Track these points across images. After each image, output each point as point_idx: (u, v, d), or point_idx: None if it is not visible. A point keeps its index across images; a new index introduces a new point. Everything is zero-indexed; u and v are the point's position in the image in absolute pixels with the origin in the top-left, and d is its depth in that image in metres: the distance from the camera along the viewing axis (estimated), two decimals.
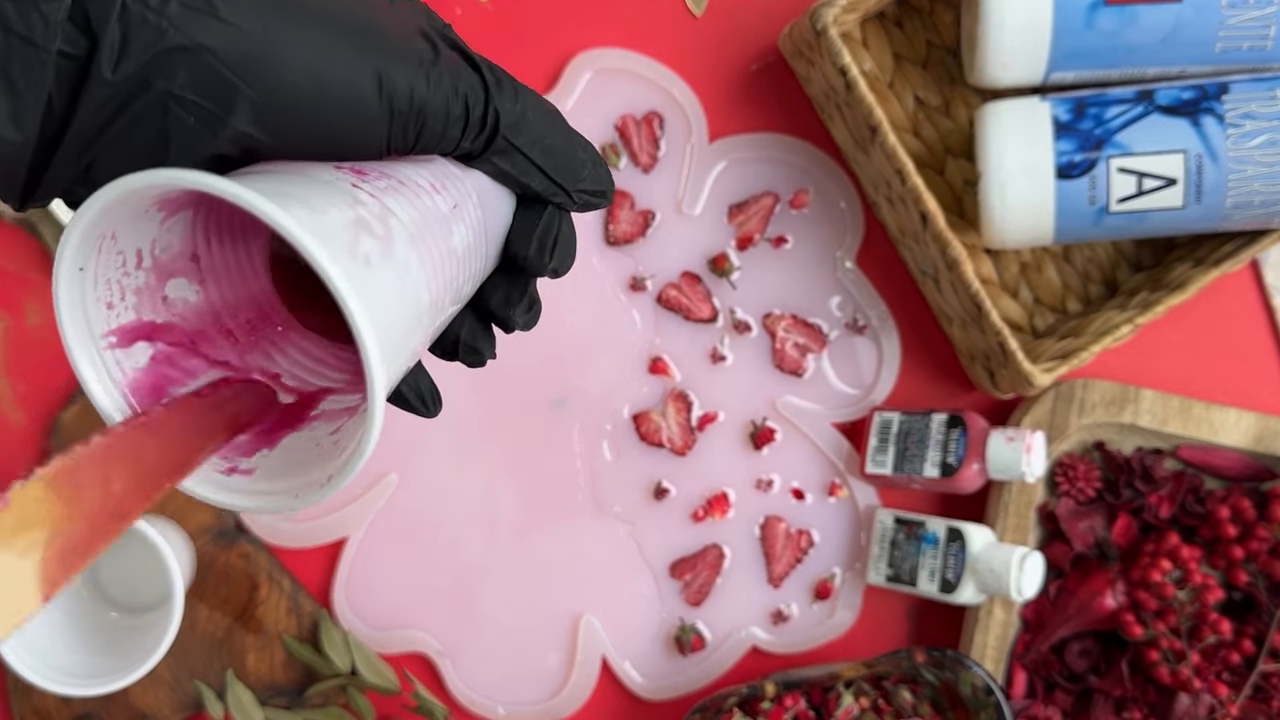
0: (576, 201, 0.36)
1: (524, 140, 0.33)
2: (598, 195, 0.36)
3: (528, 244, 0.35)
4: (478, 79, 0.31)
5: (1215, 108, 0.67)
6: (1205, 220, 0.69)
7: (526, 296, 0.36)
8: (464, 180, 0.32)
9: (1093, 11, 0.66)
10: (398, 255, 0.27)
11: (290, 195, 0.25)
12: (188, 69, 0.26)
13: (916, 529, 0.74)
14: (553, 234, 0.35)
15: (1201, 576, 0.72)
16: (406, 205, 0.29)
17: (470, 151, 0.32)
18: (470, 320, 0.35)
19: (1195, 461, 0.77)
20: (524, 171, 0.34)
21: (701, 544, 0.77)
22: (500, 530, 0.76)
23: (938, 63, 0.78)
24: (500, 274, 0.36)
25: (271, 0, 0.27)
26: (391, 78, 0.28)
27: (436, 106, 0.30)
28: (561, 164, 0.34)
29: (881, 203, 0.75)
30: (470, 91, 0.31)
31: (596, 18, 0.77)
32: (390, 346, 0.26)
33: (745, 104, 0.78)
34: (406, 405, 0.35)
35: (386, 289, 0.26)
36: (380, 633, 0.76)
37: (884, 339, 0.78)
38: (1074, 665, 0.76)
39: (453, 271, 0.30)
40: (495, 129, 0.32)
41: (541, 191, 0.35)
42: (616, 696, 0.77)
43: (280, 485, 0.28)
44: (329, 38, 0.27)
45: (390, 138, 0.29)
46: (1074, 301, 0.79)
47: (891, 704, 0.72)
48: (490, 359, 0.36)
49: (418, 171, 0.31)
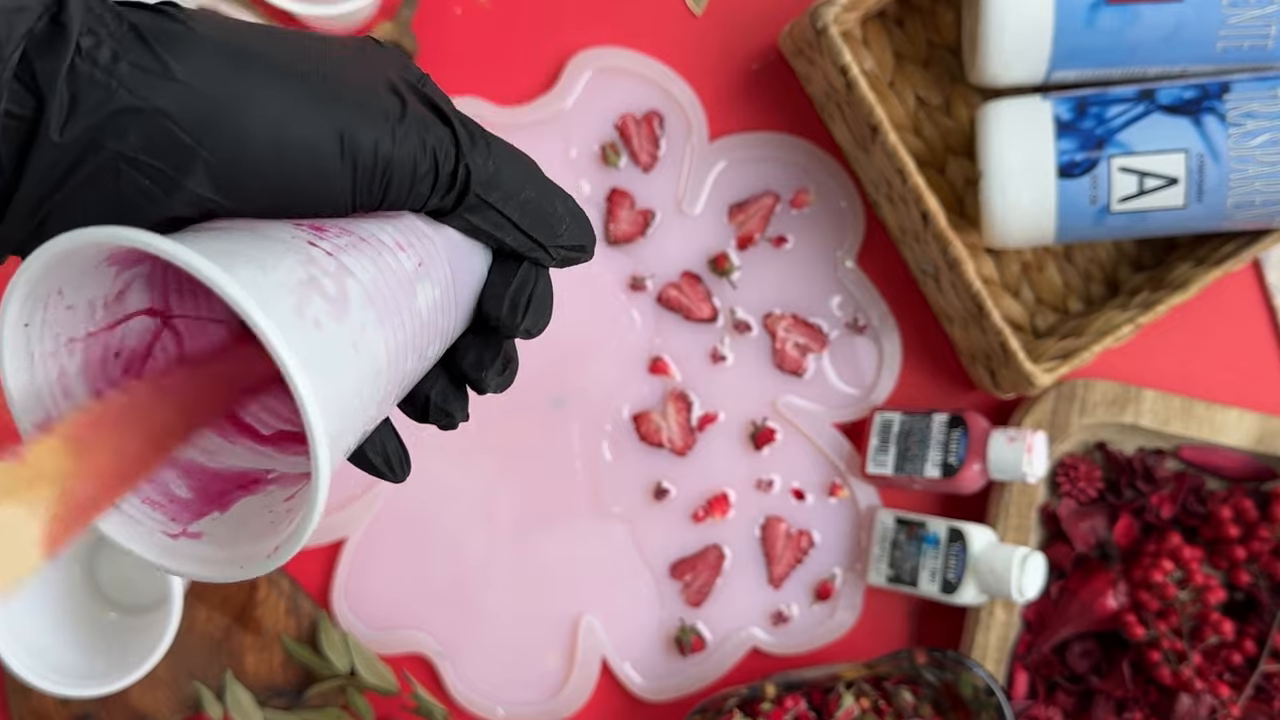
0: (555, 258, 0.34)
1: (497, 196, 0.32)
2: (577, 250, 0.35)
3: (500, 304, 0.33)
4: (448, 133, 0.30)
5: (1217, 107, 0.67)
6: (1207, 220, 0.69)
7: (500, 357, 0.34)
8: (433, 238, 0.31)
9: (1094, 10, 0.66)
10: (352, 316, 0.26)
11: (238, 254, 0.24)
12: (139, 131, 0.25)
13: (917, 529, 0.74)
14: (526, 293, 0.34)
15: (1203, 577, 0.72)
16: (367, 263, 0.28)
17: (441, 208, 0.31)
18: (442, 381, 0.34)
19: (1197, 462, 0.77)
20: (498, 227, 0.32)
21: (702, 544, 0.77)
22: (500, 531, 0.76)
23: (939, 61, 0.77)
24: (473, 333, 0.34)
25: (229, 57, 0.26)
26: (355, 135, 0.28)
27: (403, 163, 0.29)
28: (538, 220, 0.33)
29: (882, 202, 0.75)
30: (439, 146, 0.30)
31: (596, 16, 0.77)
32: (340, 409, 0.25)
33: (745, 103, 0.78)
34: (372, 469, 0.33)
35: (337, 351, 0.25)
36: (379, 633, 0.75)
37: (885, 339, 0.78)
38: (1075, 666, 0.75)
39: (415, 331, 0.29)
40: (466, 185, 0.31)
41: (517, 248, 0.33)
42: (616, 697, 0.77)
43: (226, 554, 0.27)
44: (289, 96, 0.27)
45: (355, 195, 0.28)
46: (1075, 301, 0.79)
47: (892, 705, 0.71)
48: (462, 420, 0.35)
49: (383, 228, 0.30)
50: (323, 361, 0.24)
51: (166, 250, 0.23)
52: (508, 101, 0.77)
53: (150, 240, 0.23)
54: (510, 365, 0.35)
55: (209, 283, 0.23)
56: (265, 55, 0.27)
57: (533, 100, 0.77)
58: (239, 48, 0.26)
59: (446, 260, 0.31)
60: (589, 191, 0.77)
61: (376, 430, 0.33)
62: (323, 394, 0.24)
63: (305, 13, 0.69)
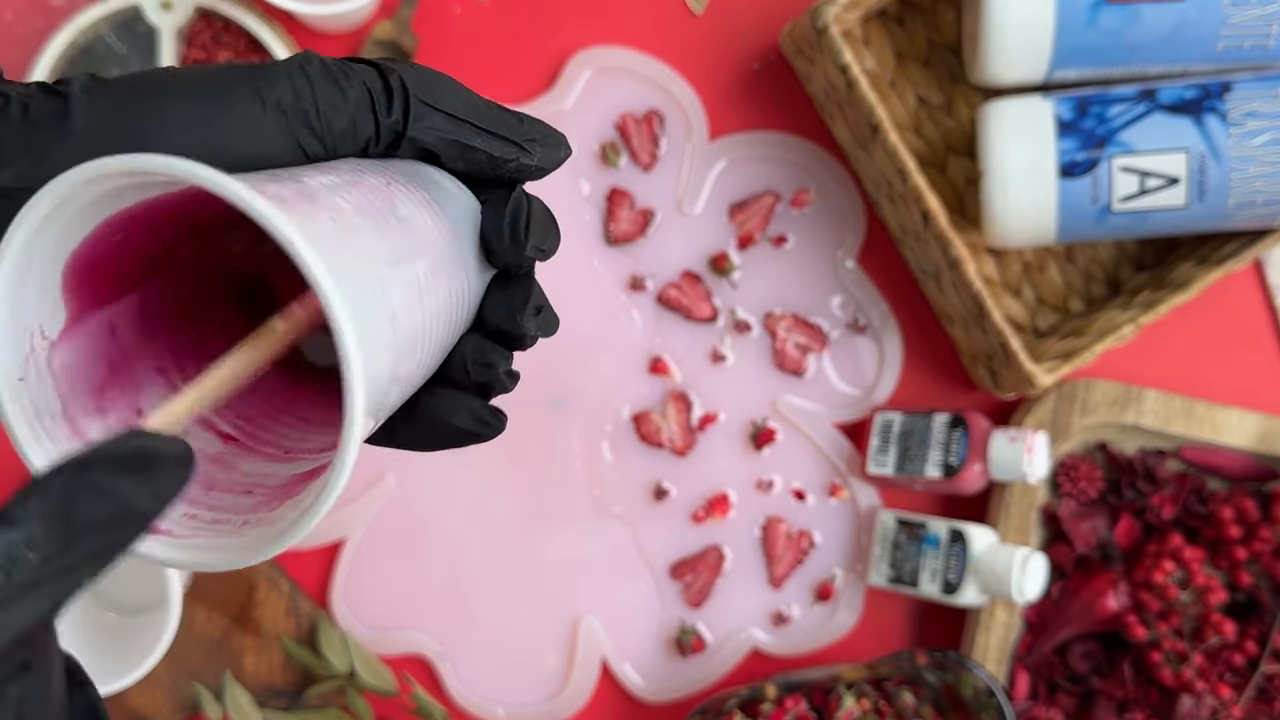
0: (533, 154, 0.33)
1: (442, 98, 0.31)
2: (553, 144, 0.34)
3: (501, 235, 0.32)
4: (363, 64, 0.30)
5: (1218, 106, 0.67)
6: (1208, 219, 0.68)
7: (530, 302, 0.34)
8: (395, 174, 0.30)
9: (1095, 10, 0.66)
10: (322, 200, 0.25)
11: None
12: None
13: (918, 530, 0.74)
14: (523, 216, 0.33)
15: (1204, 578, 0.72)
16: (326, 177, 0.27)
17: (395, 129, 0.30)
18: (476, 339, 0.33)
19: (1198, 462, 0.77)
20: (458, 131, 0.31)
21: (702, 545, 0.77)
22: (499, 531, 0.76)
23: (939, 61, 0.77)
24: (494, 289, 0.34)
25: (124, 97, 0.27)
26: (269, 87, 0.28)
27: (327, 90, 0.29)
28: (493, 115, 0.32)
29: (883, 202, 0.75)
30: (359, 72, 0.29)
31: (596, 16, 0.77)
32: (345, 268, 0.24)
33: (746, 102, 0.78)
34: (467, 436, 0.32)
35: (316, 222, 0.24)
36: (379, 634, 0.75)
37: (885, 339, 0.78)
38: (1076, 667, 0.75)
39: (407, 238, 0.28)
40: (405, 91, 0.30)
41: (490, 150, 0.32)
42: (616, 698, 0.77)
43: (239, 538, 0.27)
44: (193, 96, 0.27)
45: (300, 141, 0.28)
46: (1076, 301, 0.78)
47: (893, 706, 0.71)
48: (508, 373, 0.34)
49: (338, 167, 0.29)
50: (299, 223, 0.23)
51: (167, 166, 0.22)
52: (507, 101, 0.77)
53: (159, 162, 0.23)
54: (544, 309, 0.34)
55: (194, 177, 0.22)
56: (153, 76, 0.27)
57: (532, 99, 0.76)
58: (127, 86, 0.27)
59: (427, 194, 0.30)
60: (589, 191, 0.76)
61: (453, 399, 0.33)
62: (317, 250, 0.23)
63: (305, 11, 0.69)
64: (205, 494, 0.28)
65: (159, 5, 0.71)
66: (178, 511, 0.27)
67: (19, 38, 0.73)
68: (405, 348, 0.27)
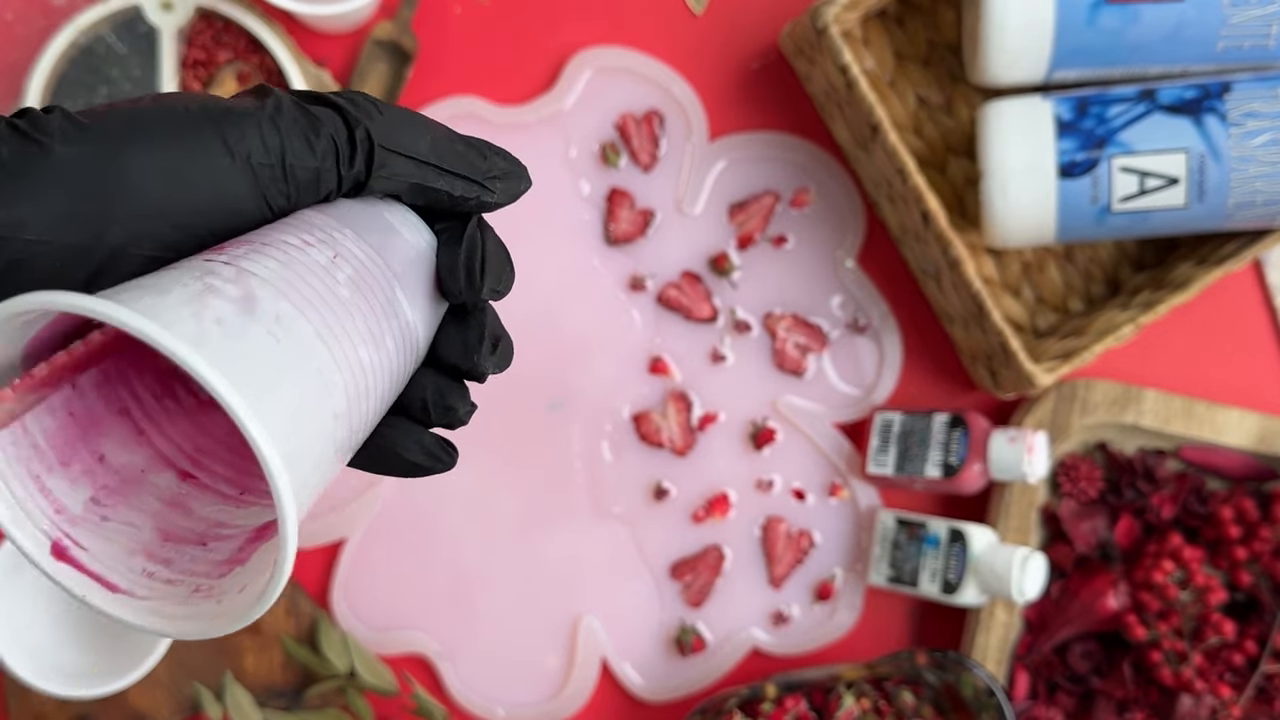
0: (494, 190, 0.33)
1: (405, 142, 0.31)
2: (515, 179, 0.34)
3: (456, 276, 0.32)
4: (329, 109, 0.30)
5: (1218, 106, 0.67)
6: (1208, 220, 0.69)
7: (485, 337, 0.33)
8: (343, 230, 0.30)
9: (1095, 10, 0.66)
10: (263, 310, 0.25)
11: (130, 288, 0.24)
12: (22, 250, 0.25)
13: (918, 530, 0.74)
14: (478, 255, 0.33)
15: (1204, 577, 0.72)
16: (271, 263, 0.27)
17: (358, 179, 0.31)
18: (434, 379, 0.33)
19: (1198, 462, 0.77)
20: (420, 174, 0.32)
21: (702, 545, 0.77)
22: (499, 531, 0.76)
23: (939, 61, 0.77)
24: (449, 323, 0.34)
25: (94, 141, 0.26)
26: (238, 139, 0.28)
27: (297, 148, 0.29)
28: (456, 154, 0.32)
29: (883, 202, 0.75)
30: (327, 119, 0.30)
31: (596, 16, 0.77)
32: (282, 408, 0.24)
33: (746, 103, 0.78)
34: (417, 469, 0.33)
35: (251, 345, 0.24)
36: (379, 634, 0.75)
37: (885, 339, 0.78)
38: (1076, 666, 0.75)
39: (353, 318, 0.28)
40: (370, 144, 0.30)
41: (451, 190, 0.32)
42: (616, 698, 0.77)
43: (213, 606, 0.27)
44: (164, 145, 0.27)
45: (266, 197, 0.28)
46: (1076, 301, 0.79)
47: (893, 706, 0.71)
48: (468, 412, 0.34)
49: (286, 232, 0.29)
50: (237, 358, 0.23)
51: (44, 301, 0.23)
52: (507, 101, 0.77)
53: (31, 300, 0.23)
54: (501, 342, 0.34)
55: (94, 314, 0.22)
56: (126, 116, 0.27)
57: (532, 100, 0.77)
58: (99, 130, 0.27)
59: (369, 245, 0.31)
60: (589, 191, 0.76)
61: (405, 431, 0.32)
62: (250, 391, 0.23)
63: (306, 12, 0.69)
64: (162, 545, 0.28)
65: (159, 5, 0.71)
66: (137, 567, 0.27)
67: (19, 38, 0.73)
68: (350, 426, 0.27)
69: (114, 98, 0.72)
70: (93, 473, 0.29)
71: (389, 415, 0.32)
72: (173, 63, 0.72)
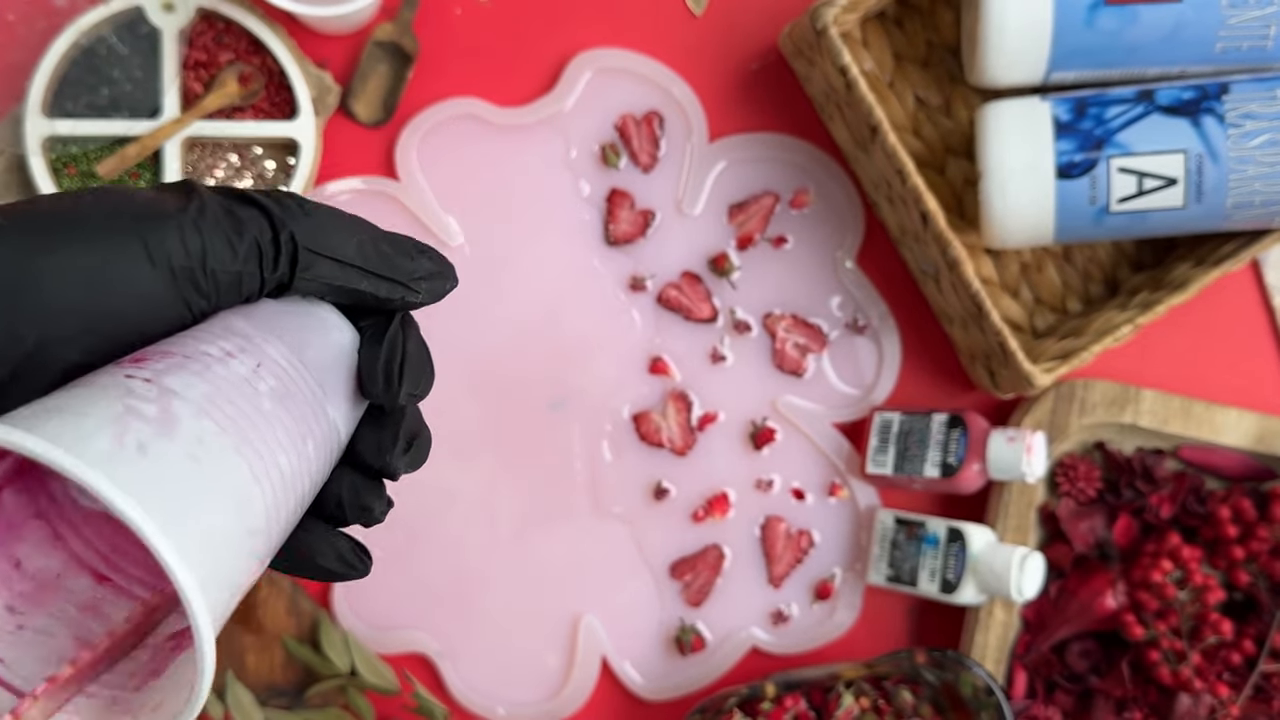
0: (418, 290, 0.33)
1: (332, 245, 0.31)
2: (440, 278, 0.34)
3: (375, 380, 0.32)
4: (255, 210, 0.30)
5: (1216, 107, 0.67)
6: (1206, 220, 0.69)
7: (400, 437, 0.33)
8: (265, 336, 0.30)
9: (1093, 11, 0.66)
10: (183, 432, 0.25)
11: (50, 410, 0.24)
12: None
13: (917, 529, 0.74)
14: (398, 359, 0.32)
15: (1202, 577, 0.72)
16: (193, 379, 0.27)
17: (281, 280, 0.30)
18: (350, 477, 0.33)
19: (1196, 461, 0.77)
20: (344, 277, 0.31)
21: (702, 544, 0.77)
22: (500, 531, 0.76)
23: (938, 62, 0.77)
24: (368, 421, 0.34)
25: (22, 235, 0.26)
26: (159, 242, 0.27)
27: (219, 251, 0.28)
28: (383, 257, 0.32)
29: (882, 202, 0.75)
30: (251, 221, 0.29)
31: (597, 17, 0.78)
32: (200, 531, 0.24)
33: (745, 104, 0.78)
34: (330, 575, 0.33)
35: (172, 470, 0.24)
36: (380, 633, 0.76)
37: (884, 339, 0.78)
38: (1075, 666, 0.76)
39: (275, 430, 0.28)
40: (294, 244, 0.30)
41: (376, 292, 0.32)
42: (616, 697, 0.77)
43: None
44: (87, 248, 0.27)
45: (188, 302, 0.28)
46: (1074, 301, 0.79)
47: (892, 705, 0.72)
48: (384, 510, 0.34)
49: (208, 341, 0.29)
50: (156, 484, 0.23)
51: None
52: (508, 102, 0.77)
53: None
54: (417, 440, 0.34)
55: (6, 445, 0.22)
56: (45, 218, 0.27)
57: (533, 101, 0.77)
58: (15, 232, 0.26)
59: (290, 351, 0.30)
60: (589, 192, 0.77)
61: (320, 536, 0.32)
62: (168, 518, 0.23)
63: (307, 13, 0.70)
64: (79, 654, 0.28)
65: (161, 6, 0.72)
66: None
67: (21, 39, 0.73)
68: (269, 537, 0.27)
69: (116, 98, 0.72)
70: (8, 579, 0.28)
71: (305, 518, 0.32)
72: (174, 63, 0.72)
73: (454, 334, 0.75)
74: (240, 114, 0.73)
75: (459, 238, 0.76)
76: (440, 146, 0.76)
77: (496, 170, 0.76)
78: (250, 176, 0.74)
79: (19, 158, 0.71)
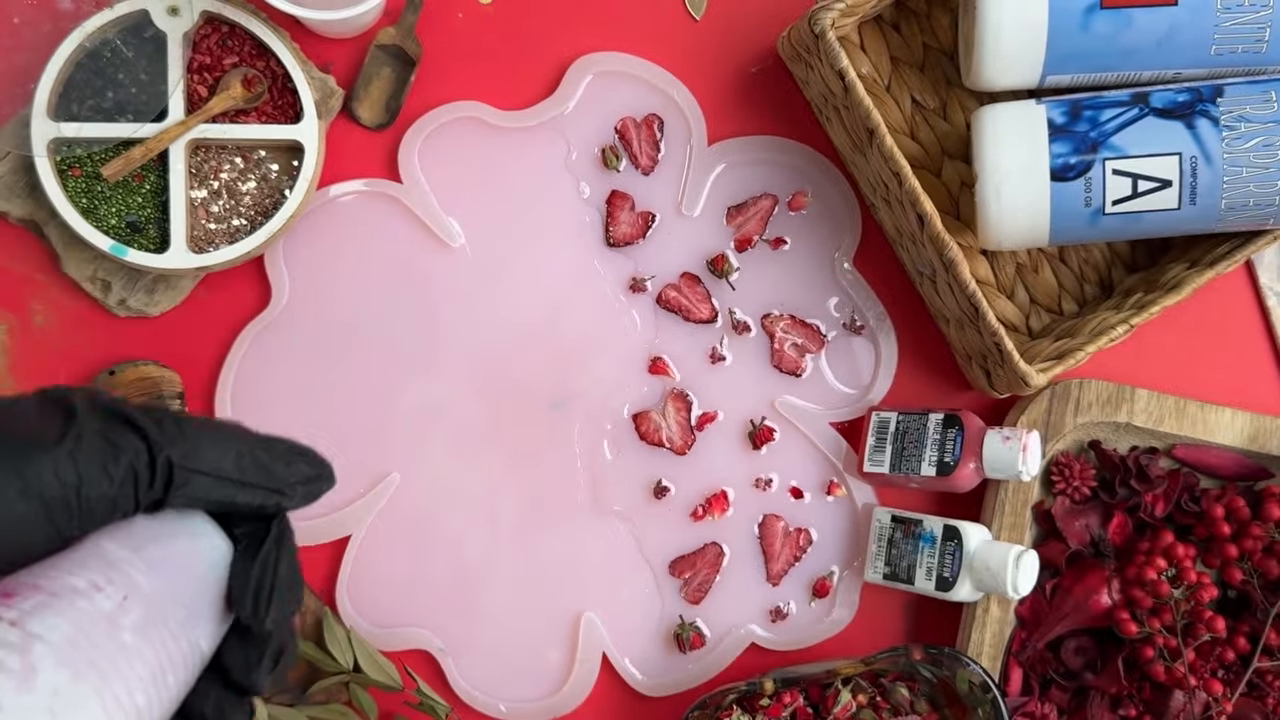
0: (293, 495, 0.34)
1: (208, 461, 0.31)
2: (315, 480, 0.34)
3: (244, 602, 0.33)
4: (134, 434, 0.30)
5: (1210, 110, 0.67)
6: (1200, 222, 0.69)
7: (267, 658, 0.34)
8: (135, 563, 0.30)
9: (1088, 15, 0.67)
10: (41, 684, 0.26)
11: None
12: None
13: (914, 527, 0.74)
14: (268, 583, 0.33)
15: (1196, 574, 0.73)
16: (58, 620, 0.27)
17: (155, 499, 0.31)
18: (215, 691, 0.33)
19: (1190, 460, 0.78)
20: (220, 491, 0.32)
21: (701, 542, 0.78)
22: (501, 529, 0.77)
23: (935, 66, 0.78)
24: (235, 634, 0.34)
25: None
26: (35, 475, 0.28)
27: (93, 478, 0.29)
28: (259, 467, 0.33)
29: (879, 204, 0.76)
30: (128, 446, 0.30)
31: (597, 21, 0.78)
32: None
33: (744, 107, 0.79)
34: None
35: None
36: (383, 630, 0.76)
37: (881, 339, 0.78)
38: (1070, 662, 0.76)
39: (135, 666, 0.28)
40: (169, 466, 0.31)
41: (251, 501, 0.33)
42: (617, 693, 0.78)
43: None
44: None
45: (60, 529, 0.28)
46: (1070, 302, 0.79)
47: (889, 701, 0.72)
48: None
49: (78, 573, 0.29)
50: None
51: None
52: (509, 105, 0.77)
53: None
54: (283, 656, 0.35)
55: None
56: None
57: (534, 104, 0.77)
58: None
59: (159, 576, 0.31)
60: (589, 194, 0.77)
61: None
62: None
63: (311, 17, 0.70)
64: None
65: (166, 10, 0.72)
66: None
67: (27, 42, 0.73)
68: None
69: (121, 101, 0.73)
70: None
71: None
72: (179, 67, 0.73)
73: (456, 334, 0.76)
74: (245, 117, 0.74)
75: (460, 239, 0.76)
76: (442, 149, 0.77)
77: (498, 172, 0.77)
78: (254, 179, 0.74)
79: (25, 160, 0.72)
